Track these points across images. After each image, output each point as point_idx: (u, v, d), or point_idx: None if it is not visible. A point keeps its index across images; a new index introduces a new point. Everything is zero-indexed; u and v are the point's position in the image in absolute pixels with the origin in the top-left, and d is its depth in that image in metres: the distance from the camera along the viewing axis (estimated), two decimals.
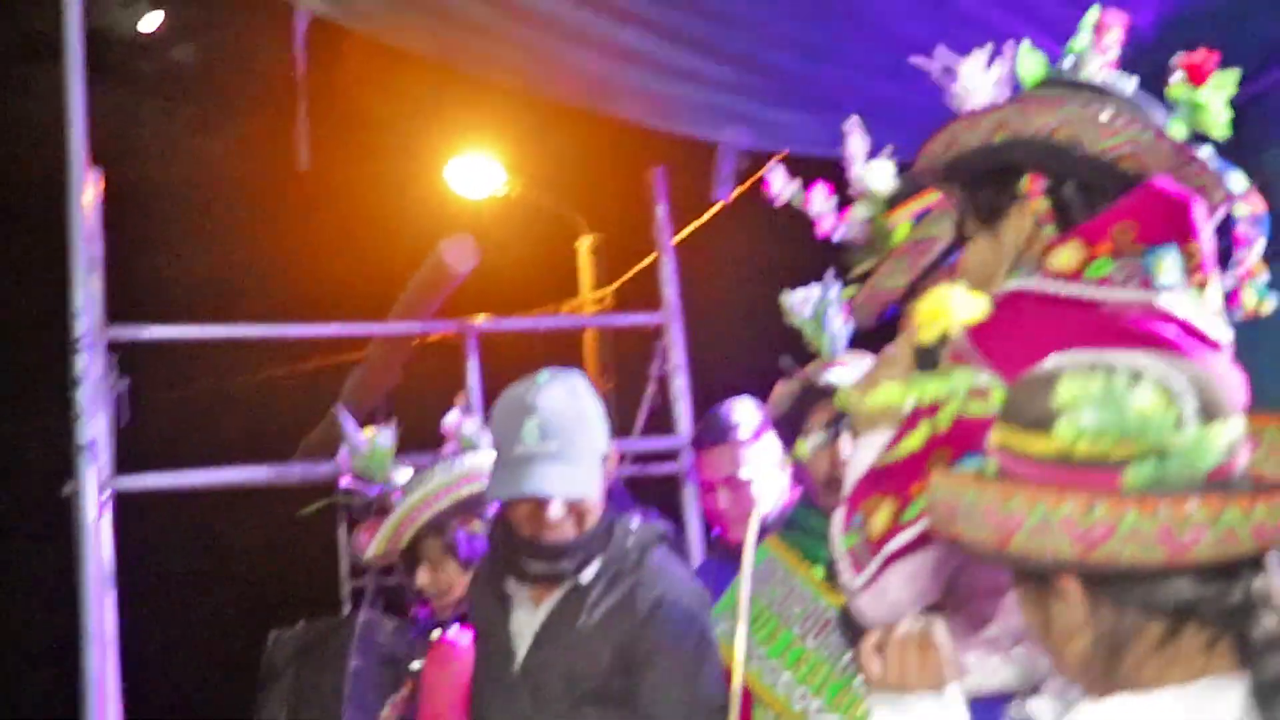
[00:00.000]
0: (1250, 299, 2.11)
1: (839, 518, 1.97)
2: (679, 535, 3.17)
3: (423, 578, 3.44)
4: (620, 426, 5.02)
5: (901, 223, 2.66)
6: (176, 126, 12.08)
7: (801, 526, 3.07)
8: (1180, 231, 1.92)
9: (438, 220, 8.60)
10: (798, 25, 4.08)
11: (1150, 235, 1.90)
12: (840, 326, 3.09)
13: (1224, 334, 1.91)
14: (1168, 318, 1.84)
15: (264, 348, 9.61)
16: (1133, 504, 1.41)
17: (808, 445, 3.01)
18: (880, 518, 1.87)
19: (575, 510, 2.86)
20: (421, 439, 4.98)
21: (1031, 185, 2.03)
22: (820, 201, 2.83)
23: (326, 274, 9.83)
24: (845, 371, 2.98)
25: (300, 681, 4.99)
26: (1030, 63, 2.18)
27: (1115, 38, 2.15)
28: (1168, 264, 1.89)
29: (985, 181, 2.10)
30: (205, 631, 11.25)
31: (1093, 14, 2.16)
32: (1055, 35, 4.16)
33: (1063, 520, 1.43)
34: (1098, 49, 2.15)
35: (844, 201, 2.93)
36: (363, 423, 5.41)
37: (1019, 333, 1.88)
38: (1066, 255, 1.91)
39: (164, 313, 5.05)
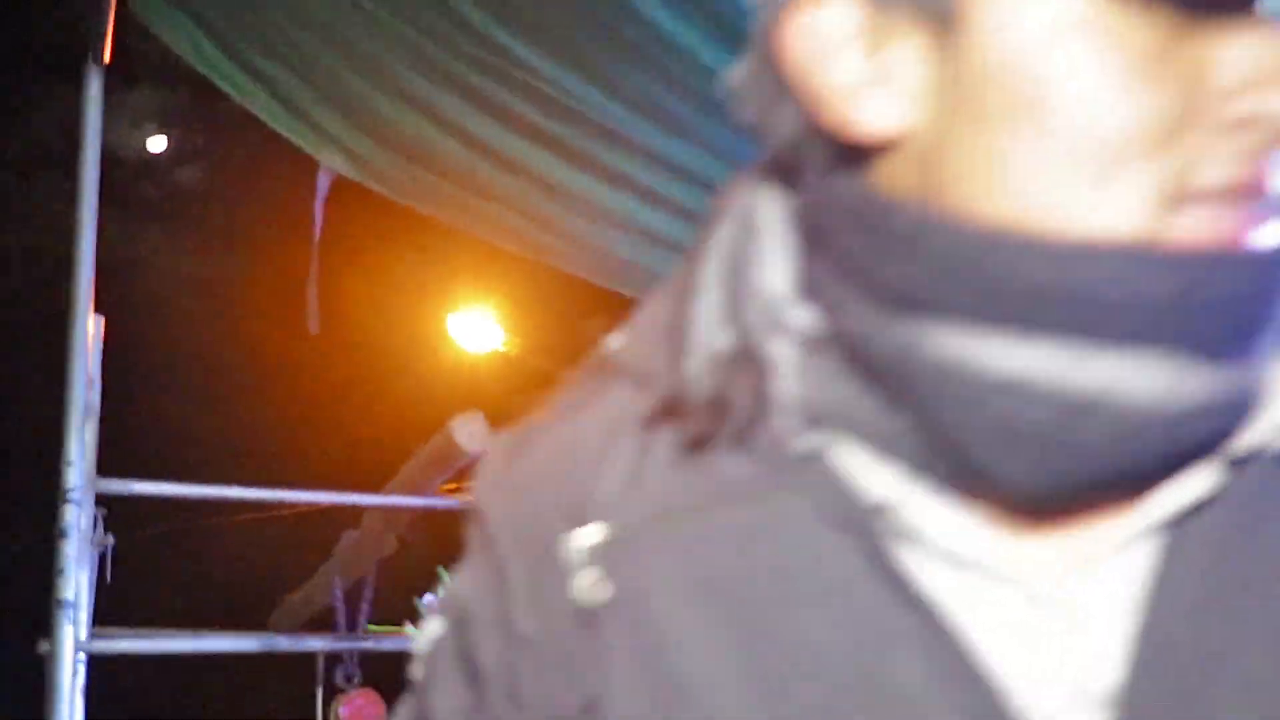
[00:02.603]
0: None
1: None
2: None
3: None
4: None
5: None
6: (179, 254, 12.06)
7: None
8: None
9: (439, 375, 8.53)
10: None
11: None
12: None
13: None
14: None
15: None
16: None
17: None
18: None
19: None
20: (410, 613, 4.81)
21: None
22: None
23: (329, 430, 9.70)
24: None
25: None
26: None
27: None
28: None
29: None
30: None
31: None
32: None
33: None
34: None
35: None
36: (350, 592, 5.27)
37: None
38: None
39: (147, 462, 4.91)
